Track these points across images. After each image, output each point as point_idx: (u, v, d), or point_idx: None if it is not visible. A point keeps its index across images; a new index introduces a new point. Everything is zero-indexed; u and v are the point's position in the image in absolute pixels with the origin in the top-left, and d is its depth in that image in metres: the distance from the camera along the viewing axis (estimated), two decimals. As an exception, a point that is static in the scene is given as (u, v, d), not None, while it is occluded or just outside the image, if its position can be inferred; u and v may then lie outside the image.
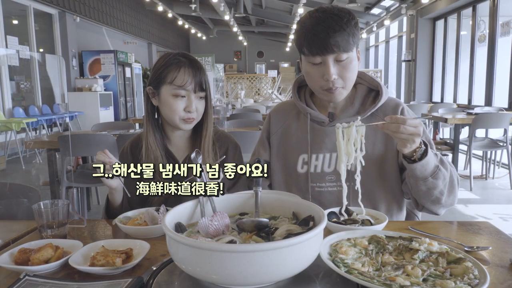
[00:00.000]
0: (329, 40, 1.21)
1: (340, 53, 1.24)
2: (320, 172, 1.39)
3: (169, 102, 1.40)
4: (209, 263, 0.73)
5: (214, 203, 1.01)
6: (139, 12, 13.93)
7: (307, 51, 1.26)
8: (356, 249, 0.93)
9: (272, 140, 1.50)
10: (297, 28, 1.31)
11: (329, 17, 1.23)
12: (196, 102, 1.42)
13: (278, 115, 1.53)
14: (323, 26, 1.22)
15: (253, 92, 12.40)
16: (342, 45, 1.23)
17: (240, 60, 21.53)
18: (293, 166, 1.43)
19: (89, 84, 9.86)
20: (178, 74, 1.39)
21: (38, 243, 1.02)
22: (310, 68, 1.30)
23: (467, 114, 4.95)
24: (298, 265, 0.78)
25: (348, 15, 1.26)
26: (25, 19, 8.52)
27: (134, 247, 1.00)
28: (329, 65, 1.25)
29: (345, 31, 1.23)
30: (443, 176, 1.21)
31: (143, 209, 1.26)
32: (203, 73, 1.43)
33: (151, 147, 1.45)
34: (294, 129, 1.47)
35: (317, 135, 1.41)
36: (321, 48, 1.23)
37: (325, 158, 1.40)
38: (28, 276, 0.88)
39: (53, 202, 1.13)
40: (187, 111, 1.41)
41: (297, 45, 1.32)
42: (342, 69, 1.27)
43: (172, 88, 1.39)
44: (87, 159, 3.78)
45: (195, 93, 1.41)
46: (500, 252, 0.99)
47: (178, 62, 1.40)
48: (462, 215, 3.83)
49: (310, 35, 1.24)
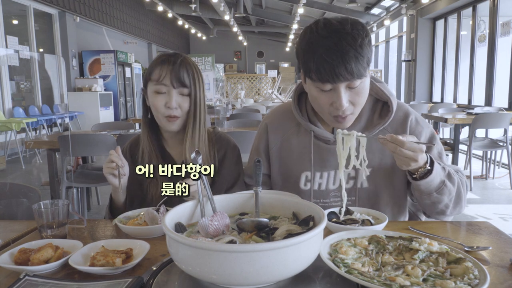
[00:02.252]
0: (343, 67, 1.09)
1: (353, 80, 1.13)
2: (324, 190, 1.35)
3: (152, 99, 1.38)
4: (209, 263, 0.73)
5: (214, 203, 1.01)
6: (139, 12, 13.93)
7: (316, 77, 1.14)
8: (356, 249, 0.92)
9: (271, 154, 1.42)
10: (304, 46, 1.15)
11: (342, 39, 1.09)
12: (177, 98, 1.37)
13: (275, 127, 1.43)
14: (336, 52, 1.08)
15: (253, 92, 12.41)
16: (357, 72, 1.11)
17: (240, 60, 21.54)
18: (295, 183, 1.37)
19: (89, 84, 9.87)
20: (156, 70, 1.37)
21: (38, 243, 1.02)
22: (317, 93, 1.19)
23: (467, 114, 4.96)
24: (298, 265, 0.78)
25: (362, 32, 1.12)
26: (25, 19, 8.52)
27: (134, 247, 1.00)
28: (341, 93, 1.14)
29: (360, 55, 1.10)
30: (448, 192, 1.20)
31: (143, 209, 1.26)
32: (185, 68, 1.36)
33: (146, 148, 1.45)
34: (295, 144, 1.38)
35: (321, 153, 1.34)
36: (333, 76, 1.10)
37: (329, 175, 1.34)
38: (28, 276, 0.87)
39: (53, 202, 1.13)
40: (167, 107, 1.36)
41: (303, 66, 1.18)
42: (354, 95, 1.17)
43: (153, 84, 1.37)
44: (87, 159, 3.78)
45: (175, 89, 1.36)
46: (500, 252, 0.99)
47: (162, 59, 1.38)
48: (462, 215, 3.83)
49: (321, 61, 1.10)
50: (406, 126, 1.32)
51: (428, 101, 9.16)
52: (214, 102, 8.24)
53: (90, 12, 10.34)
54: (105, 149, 3.07)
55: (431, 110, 6.49)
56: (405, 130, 1.31)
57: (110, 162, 1.30)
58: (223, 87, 11.78)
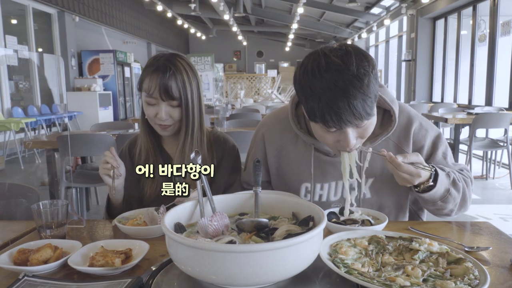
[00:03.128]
0: (351, 113, 1.01)
1: (361, 122, 1.06)
2: (325, 201, 1.33)
3: (144, 108, 1.39)
4: (208, 264, 0.73)
5: (213, 203, 1.01)
6: (139, 12, 13.92)
7: (321, 122, 1.05)
8: (356, 250, 0.92)
9: (269, 164, 1.39)
10: (305, 88, 1.04)
11: (348, 83, 0.99)
12: (167, 110, 1.36)
13: (272, 137, 1.38)
14: (343, 98, 0.99)
15: (252, 92, 12.42)
16: (365, 115, 1.03)
17: (240, 60, 21.52)
18: (295, 193, 1.34)
19: (88, 84, 9.85)
20: (147, 80, 1.35)
21: (37, 243, 1.02)
22: (322, 132, 1.11)
23: (467, 114, 4.95)
24: (297, 266, 0.78)
25: (368, 67, 1.01)
26: (24, 18, 8.51)
27: (134, 247, 1.00)
28: (348, 134, 1.07)
29: (368, 96, 1.01)
30: (453, 199, 1.20)
31: (143, 209, 1.25)
32: (175, 79, 1.32)
33: (144, 146, 1.45)
34: (294, 155, 1.34)
35: (322, 165, 1.31)
36: (340, 123, 1.03)
37: (330, 187, 1.32)
38: (27, 276, 0.87)
39: (52, 202, 1.13)
40: (158, 118, 1.36)
41: (305, 107, 1.08)
42: (362, 131, 1.10)
43: (144, 95, 1.37)
44: (86, 159, 3.78)
45: (164, 101, 1.34)
46: (501, 253, 0.99)
47: (151, 66, 1.35)
48: (463, 215, 3.82)
49: (326, 109, 1.01)
50: (410, 132, 1.28)
51: (428, 101, 9.15)
52: (213, 102, 8.24)
53: (89, 12, 10.32)
54: (104, 149, 3.06)
55: (431, 110, 6.46)
56: (409, 136, 1.28)
57: (105, 163, 1.30)
58: (222, 87, 11.78)
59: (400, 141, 1.29)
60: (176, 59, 1.36)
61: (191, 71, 1.38)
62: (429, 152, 1.29)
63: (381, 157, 1.11)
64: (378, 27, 12.51)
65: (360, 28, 13.89)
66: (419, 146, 1.29)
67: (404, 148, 1.28)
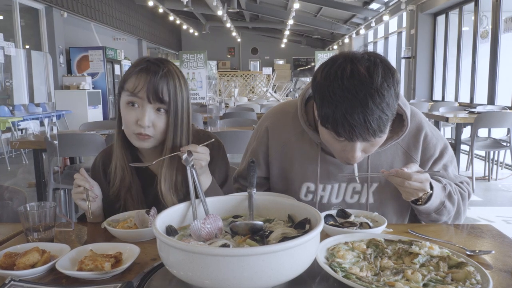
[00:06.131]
0: (365, 129, 0.99)
1: (373, 138, 1.04)
2: (326, 203, 1.32)
3: (123, 112, 1.21)
4: (201, 268, 0.72)
5: (206, 205, 1.00)
6: (129, 7, 13.81)
7: (332, 130, 1.03)
8: (354, 253, 0.91)
9: (271, 159, 1.35)
10: (324, 92, 1.01)
11: (369, 97, 0.96)
12: (151, 115, 1.19)
13: (277, 132, 1.34)
14: (360, 113, 0.97)
15: (247, 90, 12.38)
16: (378, 132, 1.01)
17: (234, 57, 21.48)
18: (294, 192, 1.32)
19: (77, 82, 9.75)
20: (132, 78, 1.19)
21: (24, 246, 1.00)
22: (330, 138, 1.10)
23: (469, 113, 4.90)
24: (293, 270, 0.77)
25: (392, 84, 0.99)
26: (10, 14, 8.39)
27: (124, 251, 0.99)
28: (356, 148, 1.07)
29: (385, 114, 0.99)
30: (447, 212, 1.22)
31: (133, 212, 1.23)
32: (167, 81, 1.18)
33: (120, 162, 1.29)
34: (298, 153, 1.31)
35: (327, 166, 1.29)
36: (351, 136, 1.01)
37: (333, 188, 1.31)
38: (14, 281, 0.86)
39: (40, 204, 1.11)
40: (139, 125, 1.18)
41: (319, 111, 1.05)
42: (369, 146, 1.09)
43: (126, 94, 1.20)
44: (75, 159, 3.74)
45: (151, 104, 1.18)
46: (504, 256, 0.98)
47: (139, 65, 1.20)
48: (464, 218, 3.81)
49: (341, 119, 0.99)
50: (419, 139, 1.27)
51: (428, 100, 8.99)
52: (206, 100, 8.19)
53: (77, 7, 10.21)
54: (94, 149, 3.03)
55: (431, 108, 6.32)
56: (418, 143, 1.27)
57: (77, 186, 1.23)
58: (216, 85, 11.72)
59: (409, 147, 1.28)
60: (169, 63, 1.26)
61: (183, 80, 1.26)
62: (435, 162, 1.29)
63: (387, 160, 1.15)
64: (376, 23, 12.34)
65: (358, 24, 13.86)
66: (428, 155, 1.28)
67: (413, 155, 1.28)
